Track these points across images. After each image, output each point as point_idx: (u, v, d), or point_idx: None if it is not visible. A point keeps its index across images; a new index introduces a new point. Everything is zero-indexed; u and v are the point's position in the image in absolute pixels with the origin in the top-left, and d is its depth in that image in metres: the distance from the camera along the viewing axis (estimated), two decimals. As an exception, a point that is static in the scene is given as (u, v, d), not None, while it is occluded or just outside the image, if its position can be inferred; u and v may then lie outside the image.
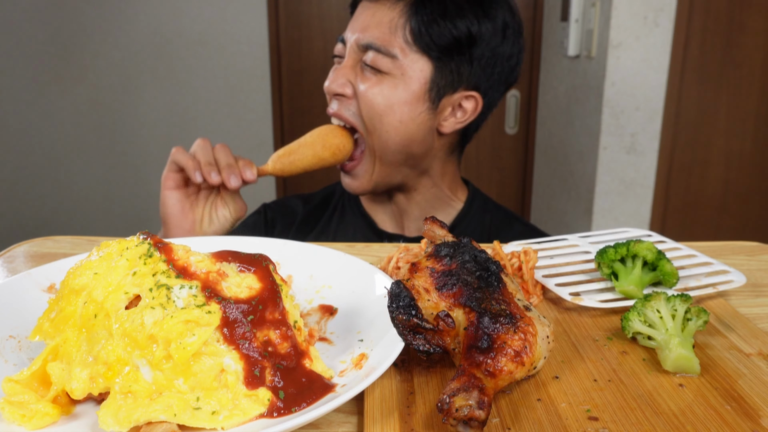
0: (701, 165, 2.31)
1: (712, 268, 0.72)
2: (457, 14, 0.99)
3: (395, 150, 1.03)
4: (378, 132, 1.01)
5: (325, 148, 1.00)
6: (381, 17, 1.00)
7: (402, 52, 0.99)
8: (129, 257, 0.49)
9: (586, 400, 0.49)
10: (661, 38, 2.13)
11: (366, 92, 1.00)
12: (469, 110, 1.06)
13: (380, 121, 1.00)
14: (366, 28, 1.01)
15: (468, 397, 0.44)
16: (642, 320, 0.57)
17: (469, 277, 0.53)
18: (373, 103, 1.00)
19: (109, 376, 0.45)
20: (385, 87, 0.99)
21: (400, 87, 1.00)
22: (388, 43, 0.99)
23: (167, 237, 0.98)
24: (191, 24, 2.92)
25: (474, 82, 1.04)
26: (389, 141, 1.02)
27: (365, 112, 1.00)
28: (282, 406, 0.46)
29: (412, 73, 0.99)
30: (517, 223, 1.19)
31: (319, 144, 1.00)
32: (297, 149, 1.00)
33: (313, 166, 1.00)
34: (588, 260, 0.75)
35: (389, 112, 1.00)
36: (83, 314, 0.47)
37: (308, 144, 1.00)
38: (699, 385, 0.51)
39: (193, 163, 0.92)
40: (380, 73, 0.99)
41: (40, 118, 3.08)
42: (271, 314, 0.49)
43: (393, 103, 1.00)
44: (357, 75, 1.02)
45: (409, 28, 0.99)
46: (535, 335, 0.50)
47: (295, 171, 0.99)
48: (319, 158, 1.00)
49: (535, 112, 2.94)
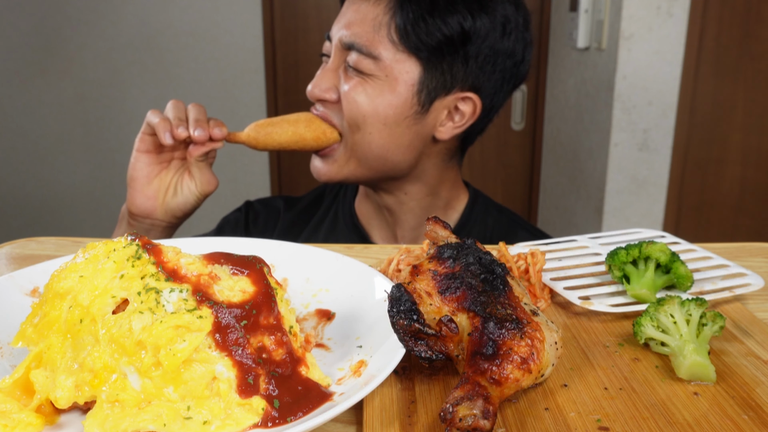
0: (717, 162, 2.27)
1: (729, 271, 0.71)
2: (447, 10, 0.93)
3: (377, 154, 0.99)
4: (361, 134, 0.98)
5: (309, 130, 0.98)
6: (365, 14, 0.96)
7: (387, 52, 0.94)
8: (116, 259, 0.48)
9: (596, 409, 0.48)
10: (675, 29, 2.09)
11: (349, 93, 0.96)
12: (467, 113, 1.00)
13: (363, 122, 0.97)
14: (350, 25, 0.97)
15: (472, 406, 0.43)
16: (655, 325, 0.55)
17: (474, 280, 0.52)
18: (357, 105, 0.96)
19: (96, 384, 0.44)
20: (369, 88, 0.95)
21: (386, 89, 0.95)
22: (371, 43, 0.94)
23: (130, 202, 0.98)
24: (182, 15, 2.89)
25: (471, 82, 0.98)
26: (372, 144, 0.98)
27: (348, 112, 0.97)
28: (277, 416, 0.45)
29: (398, 75, 0.95)
30: (522, 230, 1.13)
31: (303, 124, 0.98)
32: (279, 122, 0.97)
33: (291, 144, 0.98)
34: (598, 262, 0.73)
35: (373, 115, 0.96)
36: (68, 319, 0.46)
37: (291, 121, 0.98)
38: (714, 393, 0.50)
39: (164, 123, 0.91)
40: (364, 74, 0.96)
41: (23, 113, 3.06)
42: (265, 319, 0.48)
43: (377, 105, 0.96)
44: (340, 77, 0.98)
45: (394, 26, 0.94)
46: (542, 341, 0.49)
47: (271, 145, 0.97)
48: (299, 137, 0.97)
49: (542, 107, 2.91)
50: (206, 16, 2.90)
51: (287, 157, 3.06)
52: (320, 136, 0.98)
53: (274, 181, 3.11)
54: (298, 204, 1.22)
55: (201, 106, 0.95)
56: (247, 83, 2.96)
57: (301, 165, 3.07)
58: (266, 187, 3.10)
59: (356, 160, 1.00)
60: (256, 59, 2.92)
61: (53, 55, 2.97)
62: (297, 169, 3.07)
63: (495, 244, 1.08)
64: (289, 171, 3.08)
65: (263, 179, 3.08)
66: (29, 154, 3.13)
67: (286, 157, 3.06)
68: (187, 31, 2.91)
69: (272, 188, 3.11)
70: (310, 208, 1.20)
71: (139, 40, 2.93)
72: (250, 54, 2.92)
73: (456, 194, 1.12)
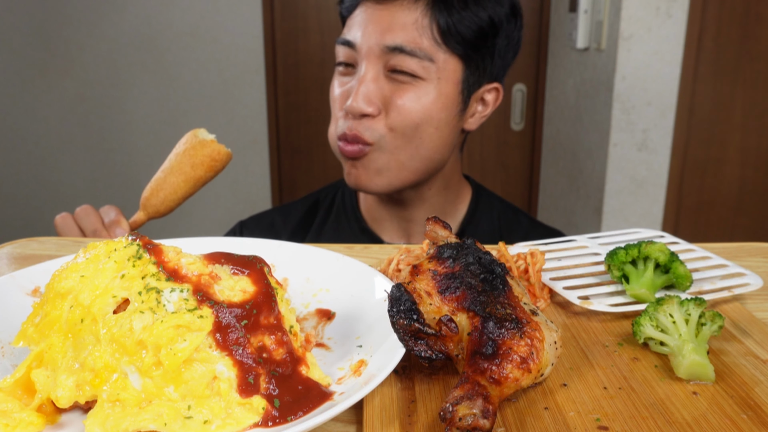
0: (716, 163, 2.27)
1: (728, 271, 0.70)
2: (477, 4, 0.95)
3: (426, 157, 0.97)
4: (410, 144, 0.95)
5: (196, 167, 0.86)
6: (403, 19, 0.94)
7: (435, 54, 0.94)
8: (117, 259, 0.48)
9: (595, 408, 0.48)
10: (674, 30, 2.09)
11: (402, 103, 0.93)
12: (491, 102, 1.03)
13: (414, 131, 0.94)
14: (390, 29, 0.93)
15: (472, 405, 0.43)
16: (654, 325, 0.55)
17: (473, 280, 0.52)
18: (410, 114, 0.93)
19: (97, 383, 0.44)
20: (421, 93, 0.94)
21: (435, 92, 0.94)
22: (419, 45, 0.93)
23: None
24: (182, 15, 2.88)
25: (495, 73, 1.01)
26: (421, 148, 0.96)
27: (398, 124, 0.93)
28: (277, 415, 0.45)
29: (446, 75, 0.94)
30: (522, 215, 1.17)
31: (188, 164, 0.86)
32: (164, 182, 0.87)
33: (192, 190, 0.88)
34: (597, 262, 0.73)
35: (427, 120, 0.94)
36: (69, 319, 0.46)
37: (174, 170, 0.87)
38: (713, 392, 0.50)
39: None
40: (413, 78, 0.93)
41: (24, 113, 3.04)
42: (265, 319, 0.48)
43: (430, 110, 0.94)
44: (382, 87, 0.94)
45: (436, 26, 0.93)
46: (542, 341, 0.48)
47: (174, 205, 0.88)
48: (194, 180, 0.87)
49: (542, 108, 2.91)
50: (207, 17, 2.89)
51: (287, 158, 3.06)
52: (212, 163, 0.87)
53: (274, 181, 3.10)
54: (294, 212, 1.19)
55: (92, 211, 0.89)
56: (248, 84, 2.95)
57: (301, 166, 3.07)
58: (266, 187, 3.10)
59: (407, 168, 0.98)
60: (257, 60, 2.91)
61: (54, 56, 2.96)
62: (298, 170, 3.07)
63: (504, 231, 1.10)
64: (289, 170, 3.08)
65: (264, 179, 3.08)
66: (30, 154, 3.12)
67: (286, 158, 3.06)
68: (187, 32, 2.90)
69: (272, 188, 3.11)
70: (308, 216, 1.18)
71: (140, 40, 2.92)
72: (250, 54, 2.90)
73: (463, 185, 1.14)
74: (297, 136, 3.02)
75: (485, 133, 2.95)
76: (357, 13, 0.98)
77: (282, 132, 3.03)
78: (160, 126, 3.05)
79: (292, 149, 3.04)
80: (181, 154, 0.87)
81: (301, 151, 3.03)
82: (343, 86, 0.99)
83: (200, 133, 0.89)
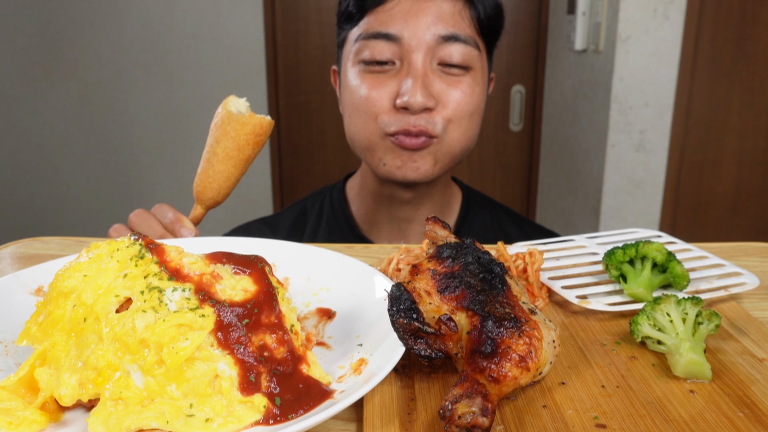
0: (713, 163, 2.27)
1: (724, 270, 0.71)
2: None
3: (465, 147, 0.97)
4: (464, 134, 0.94)
5: (242, 148, 0.80)
6: (448, 8, 0.91)
7: (478, 42, 0.94)
8: (120, 259, 0.48)
9: (593, 406, 0.48)
10: (672, 32, 2.10)
11: (458, 95, 0.91)
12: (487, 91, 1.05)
13: (468, 121, 0.93)
14: (439, 20, 0.90)
15: (471, 403, 0.43)
16: (651, 324, 0.56)
17: (472, 280, 0.52)
18: (467, 105, 0.92)
19: (99, 381, 0.44)
20: (473, 84, 0.93)
21: (481, 81, 0.95)
22: (469, 33, 0.91)
23: None
24: (184, 17, 2.89)
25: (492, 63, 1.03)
26: (463, 138, 0.95)
27: (456, 115, 0.92)
28: (278, 413, 0.45)
29: (483, 63, 0.95)
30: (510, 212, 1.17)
31: (233, 148, 0.80)
32: (214, 171, 0.81)
33: (243, 170, 0.83)
34: (595, 262, 0.73)
35: (477, 111, 0.94)
36: (72, 318, 0.46)
37: (221, 157, 0.81)
38: (710, 391, 0.50)
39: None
40: (461, 69, 0.92)
41: (28, 114, 3.05)
42: (266, 318, 0.48)
43: (478, 101, 0.94)
44: (435, 79, 0.91)
45: (474, 16, 0.93)
46: (540, 339, 0.49)
47: (230, 192, 0.84)
48: (243, 161, 0.81)
49: (540, 109, 2.91)
50: (208, 19, 2.90)
51: (288, 157, 3.06)
52: (257, 138, 0.81)
53: (275, 181, 3.11)
54: (280, 224, 1.14)
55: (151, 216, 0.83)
56: (249, 85, 2.96)
57: (302, 163, 3.07)
58: (268, 188, 3.10)
59: (455, 157, 0.98)
60: (258, 61, 2.92)
61: (57, 57, 2.96)
62: (298, 171, 3.08)
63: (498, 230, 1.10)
64: (290, 171, 3.08)
65: (265, 180, 3.09)
66: (34, 155, 3.12)
67: (287, 157, 3.06)
68: (189, 34, 2.91)
69: (273, 189, 3.11)
70: (297, 227, 1.13)
71: (142, 42, 2.93)
72: (251, 56, 2.92)
73: (453, 183, 1.14)
74: (298, 137, 3.02)
75: (484, 133, 2.95)
76: (390, 6, 0.92)
77: (283, 133, 3.03)
78: (162, 127, 3.05)
79: (293, 150, 3.04)
80: (224, 139, 0.80)
81: (302, 152, 3.03)
82: (381, 84, 0.93)
83: (232, 105, 0.81)
